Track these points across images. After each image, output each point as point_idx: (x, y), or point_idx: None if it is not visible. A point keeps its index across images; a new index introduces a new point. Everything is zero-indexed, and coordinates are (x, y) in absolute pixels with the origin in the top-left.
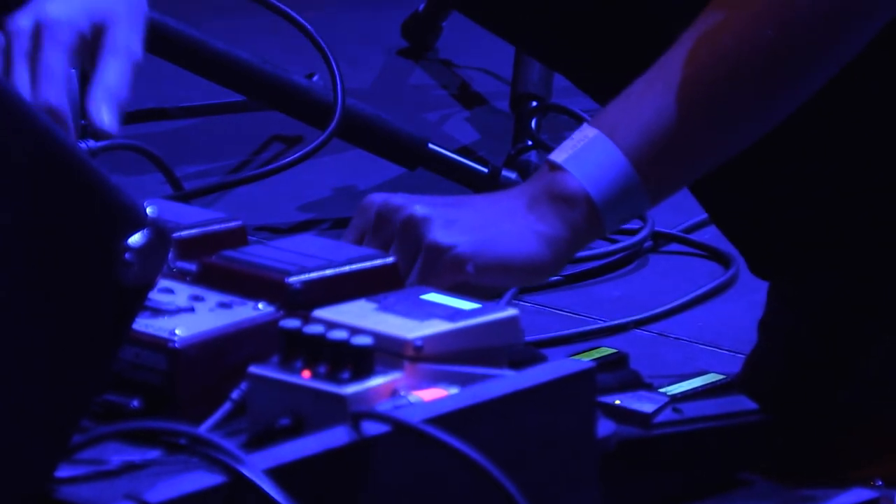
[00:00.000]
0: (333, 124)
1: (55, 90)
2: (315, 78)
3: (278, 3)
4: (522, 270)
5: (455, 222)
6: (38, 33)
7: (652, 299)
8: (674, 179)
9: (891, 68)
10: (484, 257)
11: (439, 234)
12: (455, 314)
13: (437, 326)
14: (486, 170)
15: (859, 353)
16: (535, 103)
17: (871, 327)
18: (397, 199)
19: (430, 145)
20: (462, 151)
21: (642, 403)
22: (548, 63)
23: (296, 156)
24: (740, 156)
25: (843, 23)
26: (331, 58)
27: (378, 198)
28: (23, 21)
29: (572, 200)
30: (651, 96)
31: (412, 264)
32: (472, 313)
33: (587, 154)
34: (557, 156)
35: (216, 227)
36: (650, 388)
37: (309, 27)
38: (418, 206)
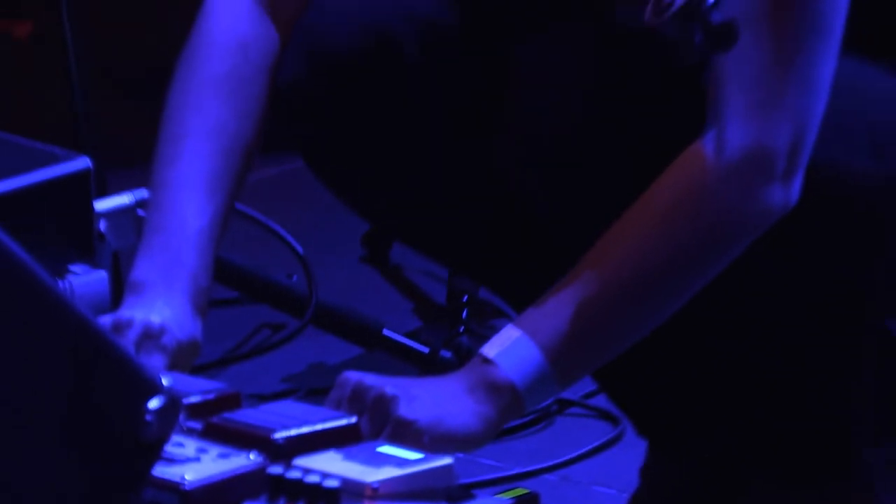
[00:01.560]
0: (308, 315)
1: None
2: (294, 278)
3: (266, 220)
4: (463, 442)
5: (415, 401)
6: (146, 332)
7: (557, 450)
8: (580, 370)
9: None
10: (436, 431)
11: (404, 411)
12: (404, 462)
13: (390, 472)
14: (427, 350)
15: (732, 500)
16: (466, 297)
17: (743, 478)
18: (369, 378)
19: (385, 331)
20: (409, 335)
21: None
22: (470, 277)
23: (278, 339)
24: None
25: (717, 248)
26: (308, 263)
27: (353, 376)
28: (135, 315)
29: (501, 389)
30: (563, 306)
31: (380, 431)
32: (417, 462)
33: (512, 352)
34: (489, 351)
35: (217, 394)
36: None
37: (290, 239)
38: (387, 387)
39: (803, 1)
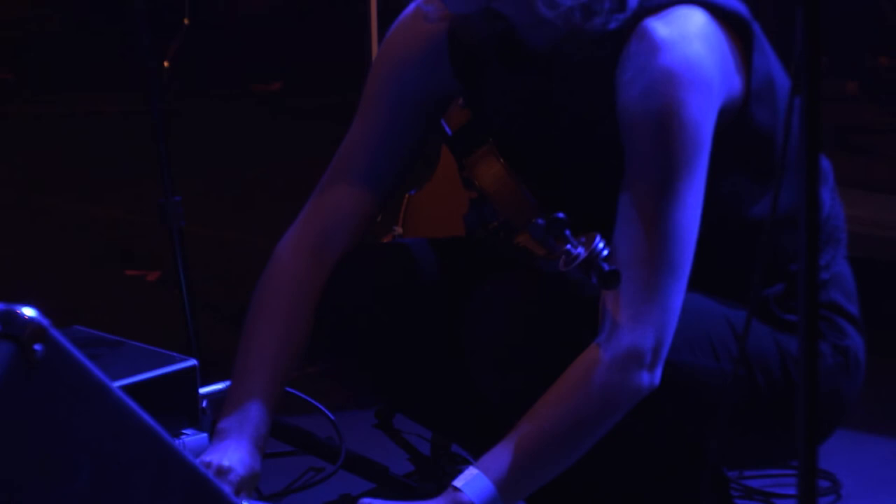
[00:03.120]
0: (339, 462)
1: None
2: (329, 437)
3: (312, 400)
4: None
5: None
6: (219, 471)
7: None
8: (518, 495)
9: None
10: None
11: None
12: None
13: None
14: (416, 485)
15: None
16: (442, 450)
17: None
18: (376, 502)
19: (390, 472)
20: (405, 476)
21: None
22: (445, 437)
23: (319, 478)
24: None
25: (605, 413)
26: (338, 427)
27: (367, 501)
28: (213, 459)
29: None
30: (506, 453)
31: None
32: None
33: (473, 483)
34: (458, 483)
35: None
36: None
37: (327, 412)
38: None
39: (661, 255)
